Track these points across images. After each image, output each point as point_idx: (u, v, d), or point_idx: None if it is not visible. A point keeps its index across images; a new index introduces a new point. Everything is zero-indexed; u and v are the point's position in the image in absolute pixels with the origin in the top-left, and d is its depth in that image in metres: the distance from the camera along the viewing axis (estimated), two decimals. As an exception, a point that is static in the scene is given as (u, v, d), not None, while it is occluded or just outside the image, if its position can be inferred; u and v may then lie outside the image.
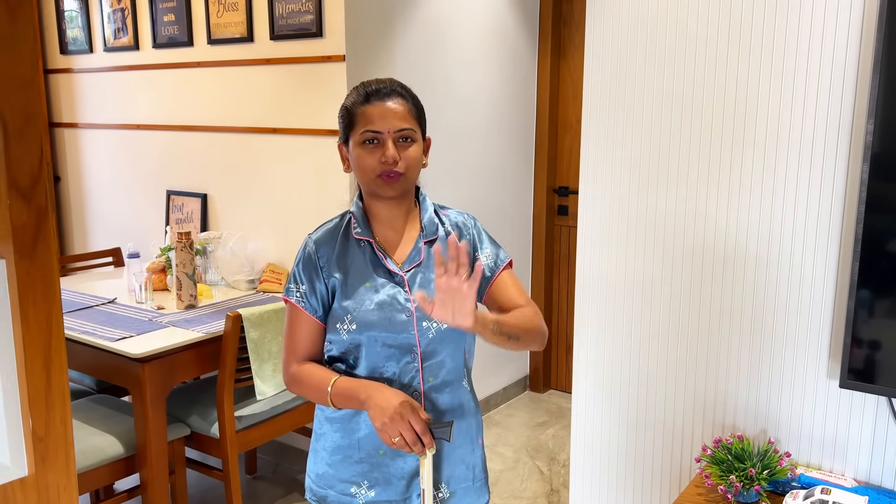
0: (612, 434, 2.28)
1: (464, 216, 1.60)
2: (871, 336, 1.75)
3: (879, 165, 1.69)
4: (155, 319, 2.65)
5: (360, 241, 1.50)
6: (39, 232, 0.97)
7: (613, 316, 2.23)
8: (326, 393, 1.44)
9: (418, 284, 1.48)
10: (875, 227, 1.71)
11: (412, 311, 1.46)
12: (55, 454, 1.02)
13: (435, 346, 1.48)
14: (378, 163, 1.42)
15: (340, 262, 1.48)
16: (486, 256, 1.56)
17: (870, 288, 1.74)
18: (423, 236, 1.52)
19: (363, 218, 1.51)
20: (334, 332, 1.48)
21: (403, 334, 1.45)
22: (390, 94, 1.45)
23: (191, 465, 2.74)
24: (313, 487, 1.55)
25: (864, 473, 1.91)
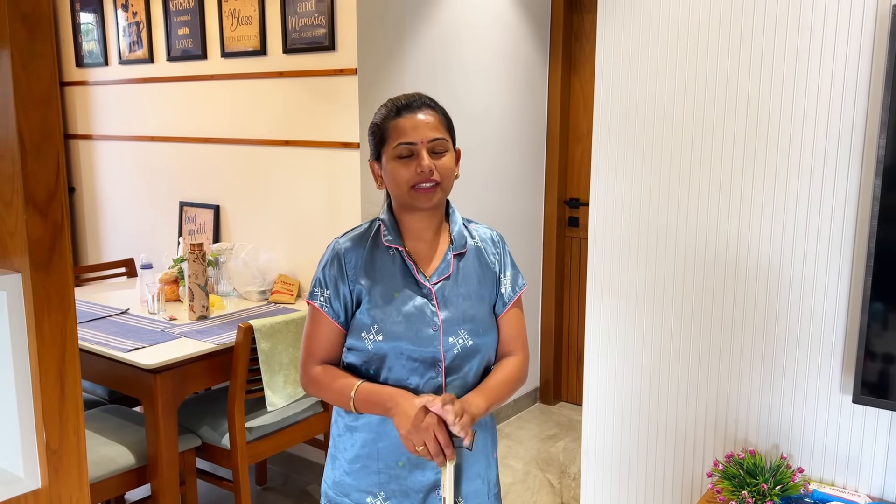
0: (624, 447, 2.26)
1: (492, 232, 1.61)
2: (884, 350, 1.74)
3: (892, 179, 1.68)
4: (167, 330, 2.66)
5: (390, 250, 1.49)
6: (55, 246, 0.99)
7: (625, 328, 2.22)
8: (349, 397, 1.43)
9: (445, 298, 1.48)
10: (888, 242, 1.71)
11: (439, 325, 1.45)
12: (68, 466, 1.03)
13: (459, 361, 1.47)
14: (414, 174, 1.42)
15: (368, 269, 1.47)
16: (507, 279, 1.57)
17: (883, 302, 1.73)
18: (452, 249, 1.52)
19: (394, 226, 1.50)
20: (359, 340, 1.46)
21: (429, 348, 1.45)
22: (420, 106, 1.46)
23: (201, 476, 2.74)
24: (329, 493, 1.55)
25: (878, 490, 1.89)
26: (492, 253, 1.57)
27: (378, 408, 1.41)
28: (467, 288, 1.51)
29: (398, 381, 1.46)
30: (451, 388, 1.47)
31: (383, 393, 1.41)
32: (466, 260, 1.53)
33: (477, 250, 1.55)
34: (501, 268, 1.57)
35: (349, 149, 2.90)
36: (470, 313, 1.49)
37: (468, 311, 1.49)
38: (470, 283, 1.51)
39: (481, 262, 1.55)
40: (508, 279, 1.57)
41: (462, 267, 1.52)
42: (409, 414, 1.34)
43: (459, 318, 1.48)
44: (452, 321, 1.47)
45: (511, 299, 1.57)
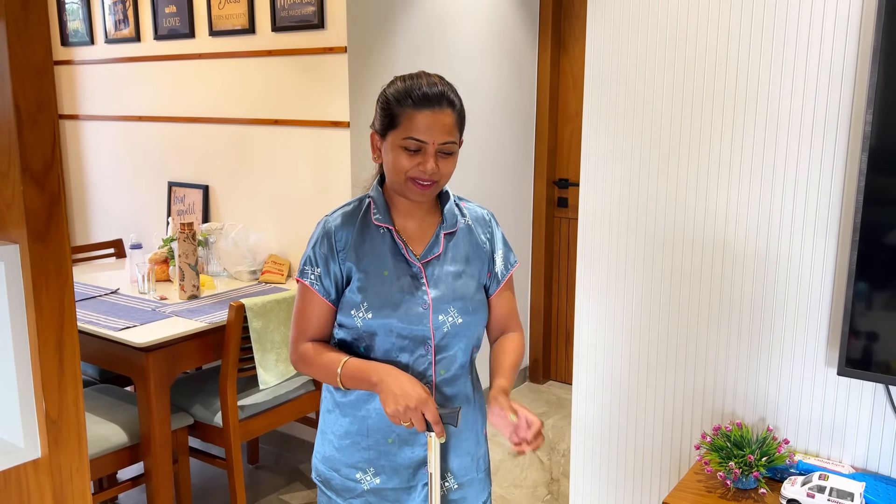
0: (612, 422, 2.30)
1: (483, 211, 1.61)
2: (868, 324, 1.77)
3: (878, 155, 1.71)
4: (158, 310, 2.66)
5: (380, 228, 1.48)
6: (52, 217, 0.99)
7: (613, 306, 2.24)
8: (336, 374, 1.42)
9: (435, 277, 1.48)
10: (873, 217, 1.73)
11: (429, 303, 1.46)
12: (68, 436, 1.04)
13: (449, 340, 1.48)
14: (415, 168, 1.40)
15: (358, 247, 1.46)
16: (499, 257, 1.58)
17: (868, 277, 1.76)
18: (443, 227, 1.51)
19: (384, 204, 1.49)
20: (348, 318, 1.46)
21: (419, 326, 1.45)
22: (441, 101, 1.41)
23: (194, 455, 2.75)
24: (319, 468, 1.57)
25: (862, 460, 1.93)
26: (483, 232, 1.57)
27: (364, 383, 1.40)
28: (457, 266, 1.51)
29: (388, 359, 1.46)
30: (441, 366, 1.48)
31: (369, 368, 1.40)
32: (457, 238, 1.53)
33: (468, 229, 1.55)
34: (493, 246, 1.58)
35: (339, 128, 2.90)
36: (460, 292, 1.50)
37: (458, 289, 1.50)
38: (460, 262, 1.52)
39: (472, 240, 1.55)
40: (500, 257, 1.58)
41: (452, 245, 1.52)
42: (396, 392, 1.33)
43: (449, 297, 1.48)
44: (442, 299, 1.47)
45: (504, 277, 1.58)
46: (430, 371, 1.47)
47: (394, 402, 1.33)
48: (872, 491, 1.80)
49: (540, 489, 3.06)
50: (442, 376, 1.49)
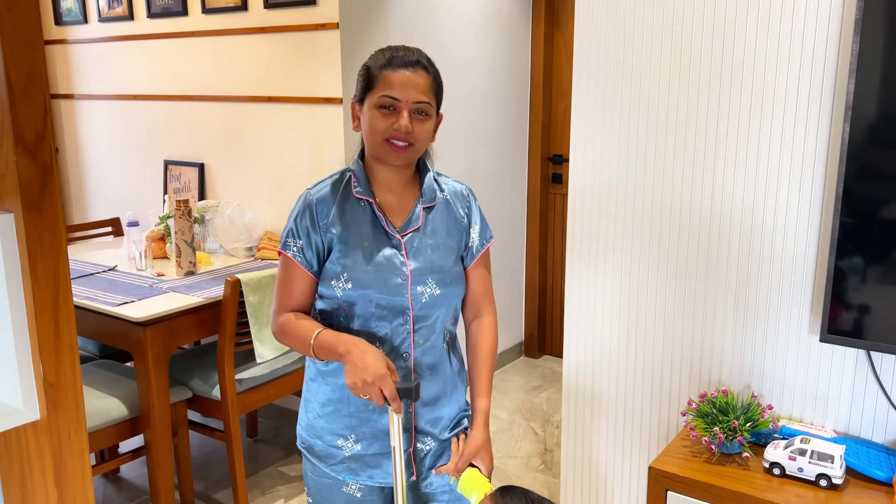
0: (602, 393, 2.34)
1: (462, 186, 1.64)
2: (850, 292, 1.81)
3: (860, 124, 1.73)
4: (155, 285, 2.70)
5: (361, 201, 1.51)
6: (45, 187, 1.02)
7: (603, 280, 2.28)
8: (309, 344, 1.45)
9: (415, 249, 1.51)
10: (855, 187, 1.76)
11: (407, 274, 1.49)
12: (66, 399, 1.07)
13: (427, 310, 1.52)
14: (389, 128, 1.43)
15: (339, 219, 1.49)
16: (475, 232, 1.61)
17: (850, 245, 1.79)
18: (421, 201, 1.54)
19: (364, 177, 1.52)
20: (328, 288, 1.50)
21: (397, 297, 1.48)
22: (415, 64, 1.45)
23: (193, 428, 2.80)
24: (303, 435, 1.60)
25: (844, 425, 1.98)
26: (461, 206, 1.60)
27: (334, 355, 1.43)
28: (436, 239, 1.54)
29: (367, 328, 1.49)
30: (419, 335, 1.52)
31: (338, 340, 1.42)
32: (435, 212, 1.56)
33: (446, 203, 1.59)
34: (470, 221, 1.61)
35: (332, 104, 2.92)
36: (438, 264, 1.53)
37: (436, 261, 1.53)
38: (439, 235, 1.55)
39: (450, 214, 1.58)
40: (477, 232, 1.62)
41: (431, 219, 1.55)
42: (358, 366, 1.36)
43: (427, 269, 1.52)
44: (420, 271, 1.51)
45: (479, 251, 1.62)
46: (409, 340, 1.51)
47: (353, 375, 1.36)
48: (853, 453, 1.84)
49: (534, 459, 3.12)
50: (420, 346, 1.52)
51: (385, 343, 1.50)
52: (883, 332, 1.78)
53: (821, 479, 1.78)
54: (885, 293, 1.77)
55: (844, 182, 1.77)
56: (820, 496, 1.76)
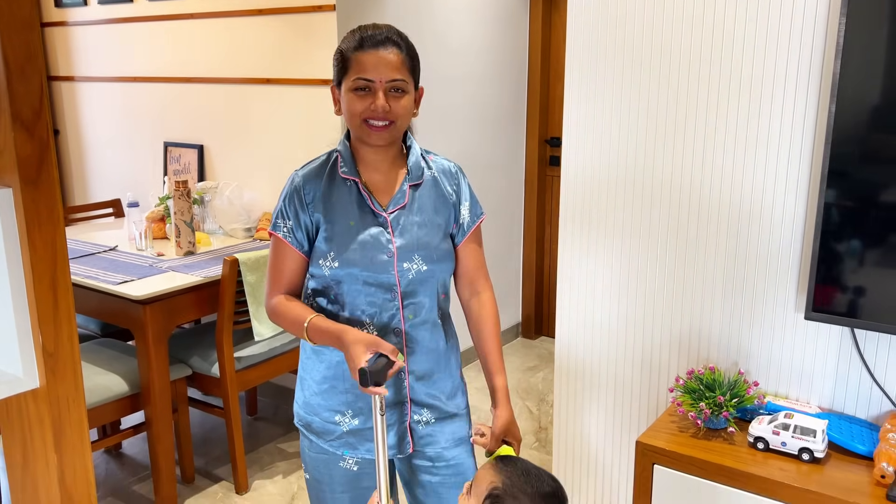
0: (594, 371, 2.38)
1: (450, 164, 1.66)
2: (835, 270, 1.84)
3: (845, 105, 1.76)
4: (155, 265, 2.74)
5: (347, 181, 1.53)
6: (42, 163, 1.06)
7: (594, 260, 2.31)
8: (303, 328, 1.50)
9: (401, 226, 1.54)
10: (841, 167, 1.79)
11: (393, 251, 1.52)
12: (64, 368, 1.11)
13: (415, 286, 1.54)
14: (367, 109, 1.45)
15: (326, 199, 1.52)
16: (465, 209, 1.63)
17: (835, 225, 1.82)
18: (408, 179, 1.56)
19: (350, 158, 1.54)
20: (317, 267, 1.53)
21: (384, 274, 1.51)
22: (385, 42, 1.45)
23: (193, 405, 2.86)
24: (300, 413, 1.64)
25: (828, 401, 2.02)
26: (449, 184, 1.62)
27: (329, 343, 1.48)
28: (423, 217, 1.56)
29: (356, 305, 1.52)
30: (409, 311, 1.55)
31: (329, 330, 1.46)
32: (422, 190, 1.58)
33: (433, 180, 1.60)
34: (459, 198, 1.63)
35: (328, 86, 2.94)
36: (424, 241, 1.55)
37: (422, 238, 1.55)
38: (426, 212, 1.57)
39: (437, 192, 1.60)
40: (467, 208, 1.64)
41: (418, 196, 1.57)
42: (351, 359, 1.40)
43: (413, 245, 1.54)
44: (406, 248, 1.53)
45: (471, 227, 1.64)
46: (399, 316, 1.54)
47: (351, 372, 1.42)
48: (836, 428, 1.89)
49: (528, 437, 3.17)
50: (410, 321, 1.55)
51: (375, 319, 1.53)
52: (867, 310, 1.82)
53: (803, 452, 1.83)
54: (870, 272, 1.81)
55: (830, 163, 1.80)
56: (802, 469, 1.80)
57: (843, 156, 1.79)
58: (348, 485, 1.62)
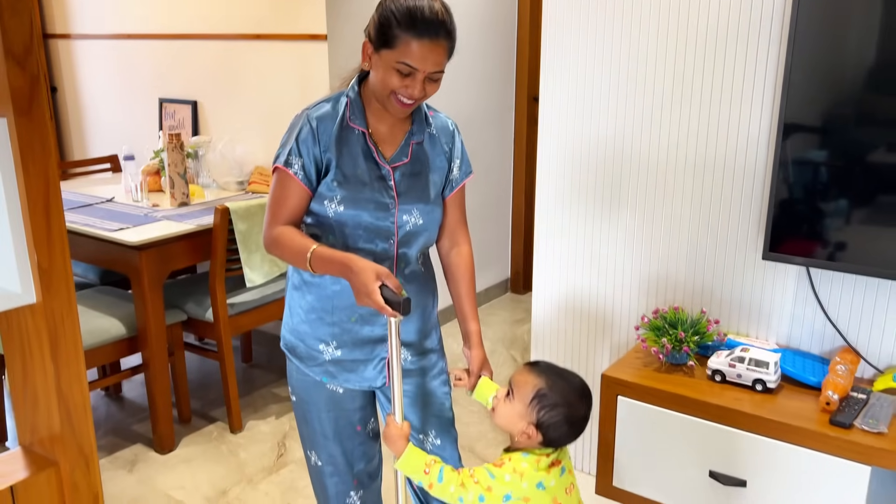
0: (568, 314, 2.50)
1: (449, 121, 1.74)
2: (790, 213, 1.94)
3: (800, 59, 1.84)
4: (150, 215, 2.85)
5: (355, 130, 1.59)
6: (34, 95, 1.15)
7: (570, 210, 2.41)
8: (306, 258, 1.51)
9: (402, 180, 1.61)
10: (796, 112, 1.88)
11: (395, 203, 1.61)
12: (58, 284, 1.22)
13: (410, 237, 1.64)
14: (402, 87, 1.50)
15: (337, 143, 1.57)
16: (456, 166, 1.73)
17: (789, 171, 1.92)
18: (411, 135, 1.64)
19: (360, 107, 1.59)
20: (321, 206, 1.59)
21: (385, 223, 1.60)
22: (438, 31, 1.46)
23: (189, 349, 2.98)
24: (287, 337, 1.74)
25: (785, 338, 2.13)
26: (445, 141, 1.71)
27: (334, 271, 1.52)
28: (422, 172, 1.65)
29: (354, 247, 1.61)
30: (402, 260, 1.65)
31: (337, 259, 1.51)
32: (423, 146, 1.67)
33: (431, 138, 1.69)
34: (452, 155, 1.72)
35: (317, 41, 3.01)
36: (423, 195, 1.65)
37: (421, 193, 1.65)
38: (424, 168, 1.66)
39: (435, 149, 1.69)
40: (457, 166, 1.73)
41: (418, 152, 1.66)
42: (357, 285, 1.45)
43: (413, 199, 1.63)
44: (407, 200, 1.62)
45: (458, 183, 1.73)
46: (392, 263, 1.64)
47: (356, 296, 1.48)
48: (790, 362, 2.00)
49: (511, 383, 3.30)
50: (401, 268, 1.66)
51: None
52: (820, 250, 1.92)
53: (757, 383, 1.95)
54: (822, 214, 1.91)
55: (785, 110, 1.89)
56: (756, 399, 1.92)
57: (798, 100, 1.87)
58: (332, 406, 1.73)
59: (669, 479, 2.00)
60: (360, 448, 1.80)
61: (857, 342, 2.02)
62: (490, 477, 1.45)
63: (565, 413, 1.46)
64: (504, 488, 1.44)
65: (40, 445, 1.32)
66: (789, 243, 1.96)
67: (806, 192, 1.92)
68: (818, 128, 1.88)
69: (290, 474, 2.64)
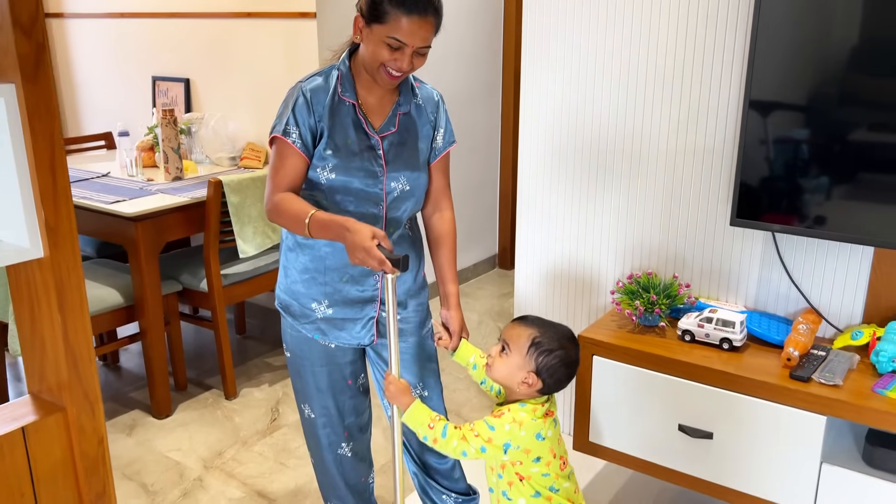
0: (549, 281, 2.61)
1: (434, 92, 1.83)
2: (755, 179, 2.04)
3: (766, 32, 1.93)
4: (145, 188, 2.93)
5: (346, 101, 1.68)
6: (39, 63, 1.24)
7: (550, 184, 2.51)
8: (304, 223, 1.59)
9: (390, 149, 1.71)
10: (759, 91, 1.97)
11: (384, 170, 1.70)
12: (64, 241, 1.32)
13: (398, 203, 1.74)
14: (391, 60, 1.60)
15: (331, 114, 1.67)
16: (440, 136, 1.82)
17: (755, 139, 2.01)
18: (398, 106, 1.74)
19: (350, 80, 1.69)
20: (313, 172, 1.68)
21: (374, 189, 1.70)
22: (428, 8, 1.56)
23: (184, 319, 3.08)
24: (281, 297, 1.84)
25: (752, 301, 2.25)
26: (430, 111, 1.80)
27: (331, 235, 1.61)
28: (409, 142, 1.75)
29: (345, 211, 1.70)
30: (391, 224, 1.74)
31: (332, 223, 1.59)
32: (409, 116, 1.77)
33: (418, 108, 1.78)
34: (437, 124, 1.82)
35: (306, 18, 3.09)
36: (410, 163, 1.75)
37: (408, 161, 1.75)
38: (411, 138, 1.76)
39: (421, 119, 1.78)
40: (441, 135, 1.82)
41: (405, 122, 1.76)
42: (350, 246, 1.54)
43: (401, 167, 1.73)
44: (395, 168, 1.72)
45: (442, 152, 1.83)
46: (382, 225, 1.74)
47: (351, 255, 1.56)
48: (755, 322, 2.11)
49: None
50: (390, 232, 1.75)
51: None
52: (784, 215, 2.03)
53: (724, 342, 2.06)
54: (785, 182, 2.01)
55: (751, 76, 1.98)
56: (723, 356, 2.03)
57: (763, 79, 1.97)
58: (325, 360, 1.84)
59: (642, 433, 2.12)
60: (350, 402, 1.91)
61: (819, 303, 2.13)
62: (490, 429, 1.54)
63: (561, 356, 1.57)
64: (504, 437, 1.54)
65: (48, 392, 1.42)
66: (754, 210, 2.06)
67: (769, 163, 2.02)
68: (780, 104, 1.98)
69: (284, 437, 2.75)
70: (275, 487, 2.46)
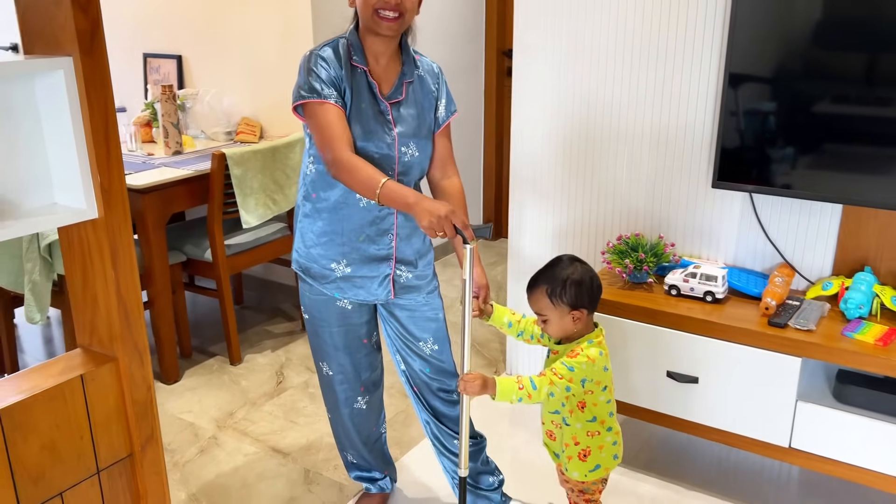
0: (542, 246, 2.76)
1: (434, 65, 1.96)
2: (735, 145, 2.21)
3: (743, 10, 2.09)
4: (148, 162, 3.02)
5: (357, 68, 1.79)
6: (95, 37, 1.34)
7: (543, 154, 2.66)
8: (375, 191, 1.65)
9: (399, 117, 1.82)
10: (738, 63, 2.13)
11: (395, 136, 1.82)
12: (116, 202, 1.43)
13: (408, 168, 1.86)
14: (380, 1, 1.70)
15: (347, 79, 1.77)
16: (442, 105, 1.94)
17: (733, 106, 2.18)
18: (403, 75, 1.85)
19: (359, 47, 1.80)
20: None
21: (389, 153, 1.81)
22: None
23: (189, 288, 3.18)
24: (300, 260, 1.96)
25: (732, 258, 2.43)
26: (432, 82, 1.93)
27: (400, 203, 1.64)
28: (415, 110, 1.87)
29: None
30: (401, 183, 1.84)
31: (405, 192, 1.66)
32: (413, 86, 1.88)
33: (420, 79, 1.90)
34: (439, 95, 1.94)
35: (301, -5, 3.18)
36: (417, 130, 1.87)
37: (416, 129, 1.86)
38: (416, 105, 1.88)
39: (424, 89, 1.91)
40: (443, 105, 1.95)
41: (411, 91, 1.88)
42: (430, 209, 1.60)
43: (410, 134, 1.85)
44: (404, 135, 1.84)
45: (444, 121, 1.95)
46: None
47: (427, 217, 1.61)
48: (735, 277, 2.29)
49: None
50: None
51: None
52: (760, 177, 2.20)
53: (707, 295, 2.23)
54: (762, 146, 2.18)
55: (730, 48, 2.14)
56: (706, 308, 2.21)
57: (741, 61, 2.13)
58: (342, 320, 1.97)
59: (633, 381, 2.29)
60: (366, 359, 2.05)
61: (793, 258, 2.32)
62: (570, 370, 1.71)
63: (575, 279, 1.75)
64: (581, 373, 1.71)
65: (99, 345, 1.54)
66: (734, 173, 2.23)
67: (747, 130, 2.19)
68: (758, 76, 2.14)
69: (290, 397, 2.89)
70: (287, 443, 2.60)
